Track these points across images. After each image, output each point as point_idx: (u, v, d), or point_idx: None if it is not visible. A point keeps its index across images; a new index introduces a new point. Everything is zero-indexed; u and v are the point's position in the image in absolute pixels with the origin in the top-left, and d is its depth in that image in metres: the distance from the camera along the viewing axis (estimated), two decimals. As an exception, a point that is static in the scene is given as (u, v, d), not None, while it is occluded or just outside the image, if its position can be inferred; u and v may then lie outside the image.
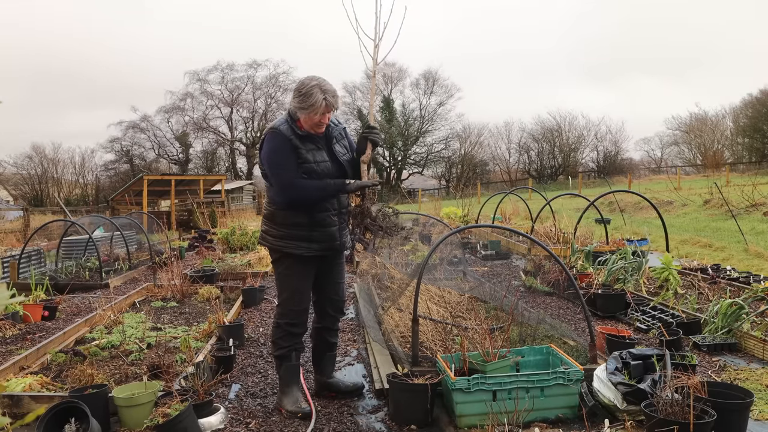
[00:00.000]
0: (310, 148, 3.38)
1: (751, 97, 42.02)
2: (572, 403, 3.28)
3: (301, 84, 3.32)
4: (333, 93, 3.29)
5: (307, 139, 3.39)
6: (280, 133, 3.33)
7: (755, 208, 13.38)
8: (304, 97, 3.26)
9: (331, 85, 3.32)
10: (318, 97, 3.23)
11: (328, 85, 3.30)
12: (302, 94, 3.27)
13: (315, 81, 3.29)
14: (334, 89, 3.33)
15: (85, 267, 8.77)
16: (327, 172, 3.42)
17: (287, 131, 3.34)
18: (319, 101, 3.23)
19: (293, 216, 3.43)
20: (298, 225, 3.43)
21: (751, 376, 3.87)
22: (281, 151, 3.32)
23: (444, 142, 50.49)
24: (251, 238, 10.63)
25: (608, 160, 48.77)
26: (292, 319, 3.56)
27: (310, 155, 3.37)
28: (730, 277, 6.34)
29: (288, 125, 3.37)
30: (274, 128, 3.37)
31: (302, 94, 3.27)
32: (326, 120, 3.35)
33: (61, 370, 4.17)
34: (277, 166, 3.32)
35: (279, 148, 3.32)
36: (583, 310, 3.92)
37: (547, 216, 11.14)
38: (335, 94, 3.31)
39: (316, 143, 3.43)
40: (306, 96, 3.25)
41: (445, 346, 3.97)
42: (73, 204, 38.79)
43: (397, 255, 7.98)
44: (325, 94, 3.24)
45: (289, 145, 3.32)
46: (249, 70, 48.96)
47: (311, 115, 3.28)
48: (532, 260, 7.79)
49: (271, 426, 3.35)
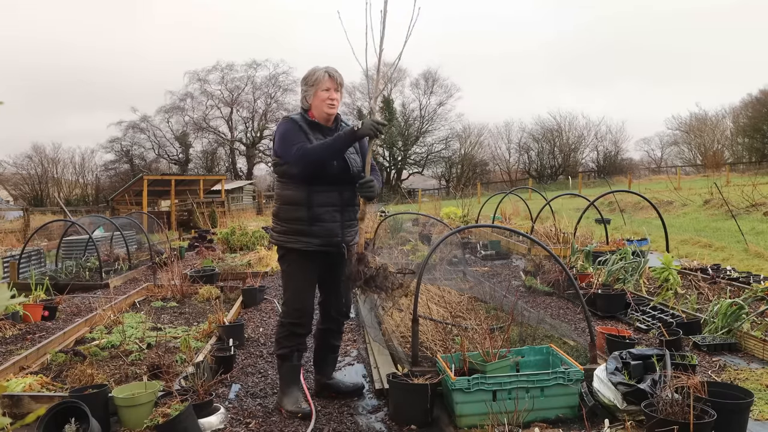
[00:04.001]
0: (317, 137, 3.48)
1: (751, 97, 42.07)
2: (572, 403, 3.29)
3: (304, 76, 3.59)
4: (334, 69, 3.51)
5: (317, 129, 3.52)
6: (290, 118, 3.54)
7: (755, 208, 13.38)
8: (307, 78, 3.52)
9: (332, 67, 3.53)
10: (319, 72, 3.47)
11: (328, 66, 3.53)
12: (305, 77, 3.54)
13: (314, 67, 3.56)
14: (335, 68, 3.53)
15: (85, 267, 8.77)
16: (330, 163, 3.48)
17: (299, 118, 3.53)
18: (320, 73, 3.46)
19: (295, 211, 3.46)
20: (299, 219, 3.46)
21: (751, 376, 3.87)
22: (289, 130, 3.48)
23: (444, 142, 50.52)
24: (251, 238, 10.63)
25: (608, 160, 48.77)
26: (296, 319, 3.56)
27: (316, 141, 3.45)
28: (730, 277, 6.34)
29: (300, 115, 3.56)
30: (287, 116, 3.58)
31: (305, 77, 3.54)
32: (335, 96, 3.49)
33: (61, 370, 4.17)
34: (289, 143, 3.44)
35: (289, 128, 3.48)
36: (583, 310, 3.93)
37: (547, 216, 11.14)
38: (337, 70, 3.52)
39: (324, 135, 3.52)
40: (308, 76, 3.51)
41: (445, 346, 3.97)
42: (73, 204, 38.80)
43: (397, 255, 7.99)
44: (326, 68, 3.49)
45: (299, 128, 3.47)
46: (249, 70, 49.01)
47: (318, 92, 3.47)
48: (532, 260, 7.79)
49: (271, 426, 3.35)
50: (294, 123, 3.48)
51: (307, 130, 3.45)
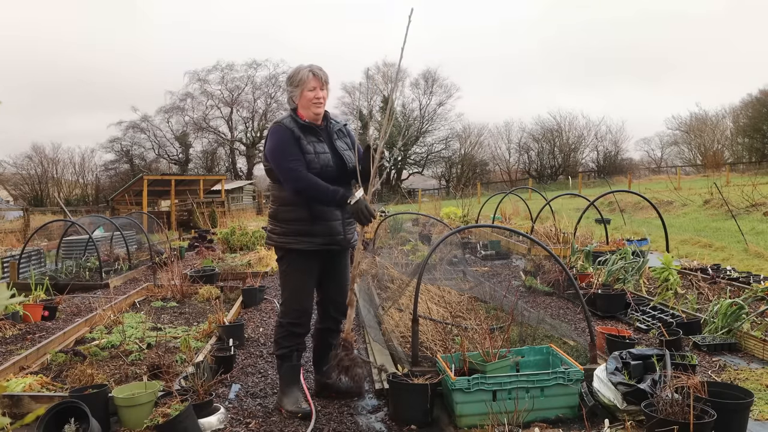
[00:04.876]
0: (311, 140, 3.46)
1: (751, 97, 42.02)
2: (572, 403, 3.29)
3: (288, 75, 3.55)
4: (318, 67, 3.46)
5: (309, 131, 3.48)
6: (282, 125, 3.46)
7: (755, 208, 13.38)
8: (291, 78, 3.48)
9: (317, 65, 3.48)
10: (303, 71, 3.43)
11: (313, 64, 3.47)
12: (290, 77, 3.50)
13: (298, 65, 3.51)
14: (320, 66, 3.48)
15: (85, 267, 8.77)
16: (326, 163, 3.46)
17: (289, 123, 3.46)
18: (304, 73, 3.42)
19: (295, 211, 3.45)
20: (300, 220, 3.45)
21: (751, 376, 3.87)
22: (284, 141, 3.42)
23: (444, 142, 50.53)
24: (251, 238, 10.63)
25: (608, 160, 48.75)
26: (295, 319, 3.56)
27: (310, 146, 3.44)
28: (730, 277, 6.34)
29: (290, 117, 3.49)
30: (277, 121, 3.51)
31: (289, 77, 3.50)
32: (321, 95, 3.45)
33: (61, 370, 4.17)
34: (281, 156, 3.41)
35: (281, 139, 3.43)
36: (583, 310, 3.93)
37: (547, 216, 11.14)
38: (321, 68, 3.47)
39: (317, 136, 3.50)
40: (293, 76, 3.47)
41: (445, 346, 3.96)
42: (73, 204, 38.77)
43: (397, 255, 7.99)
44: (310, 68, 3.44)
45: (291, 136, 3.42)
46: (249, 70, 48.99)
47: (304, 92, 3.43)
48: (532, 260, 7.79)
49: (271, 426, 3.35)
50: (286, 131, 3.42)
51: (299, 135, 3.42)
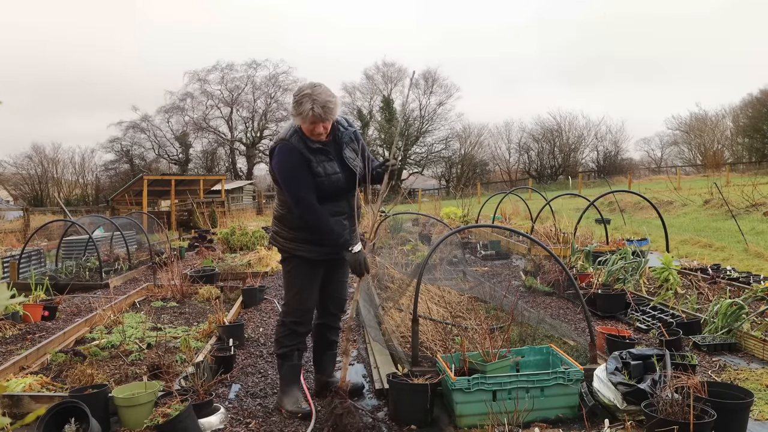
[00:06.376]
0: (321, 160, 3.33)
1: (751, 97, 42.02)
2: (572, 403, 3.29)
3: (297, 90, 3.32)
4: (323, 104, 3.18)
5: (318, 151, 3.34)
6: (292, 146, 3.29)
7: (755, 208, 13.38)
8: (296, 105, 3.27)
9: (325, 96, 3.20)
10: (306, 107, 3.19)
11: (320, 95, 3.19)
12: (295, 101, 3.27)
13: (308, 90, 3.22)
14: (328, 100, 3.20)
15: (85, 267, 8.77)
16: (337, 184, 3.37)
17: (298, 143, 3.30)
18: (306, 111, 3.19)
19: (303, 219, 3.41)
20: (308, 229, 3.42)
21: (751, 376, 3.87)
22: (293, 165, 3.28)
23: (444, 142, 50.54)
24: (251, 238, 10.63)
25: (608, 160, 48.74)
26: (297, 318, 3.57)
27: (320, 168, 3.32)
28: (730, 277, 6.34)
29: (298, 135, 3.31)
30: (285, 140, 3.32)
31: (295, 101, 3.28)
32: (321, 130, 3.27)
33: (61, 370, 4.17)
34: (290, 181, 3.29)
35: (291, 162, 3.29)
36: (583, 310, 3.93)
37: (547, 216, 11.13)
38: (326, 104, 3.19)
39: (327, 154, 3.37)
40: (297, 104, 3.25)
41: (445, 346, 3.97)
42: (73, 204, 38.76)
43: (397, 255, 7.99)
44: (313, 104, 3.16)
45: (300, 158, 3.28)
46: (249, 70, 48.99)
47: (304, 124, 3.27)
48: (532, 260, 7.79)
49: (271, 426, 3.35)
50: (294, 152, 3.27)
51: (309, 157, 3.29)
